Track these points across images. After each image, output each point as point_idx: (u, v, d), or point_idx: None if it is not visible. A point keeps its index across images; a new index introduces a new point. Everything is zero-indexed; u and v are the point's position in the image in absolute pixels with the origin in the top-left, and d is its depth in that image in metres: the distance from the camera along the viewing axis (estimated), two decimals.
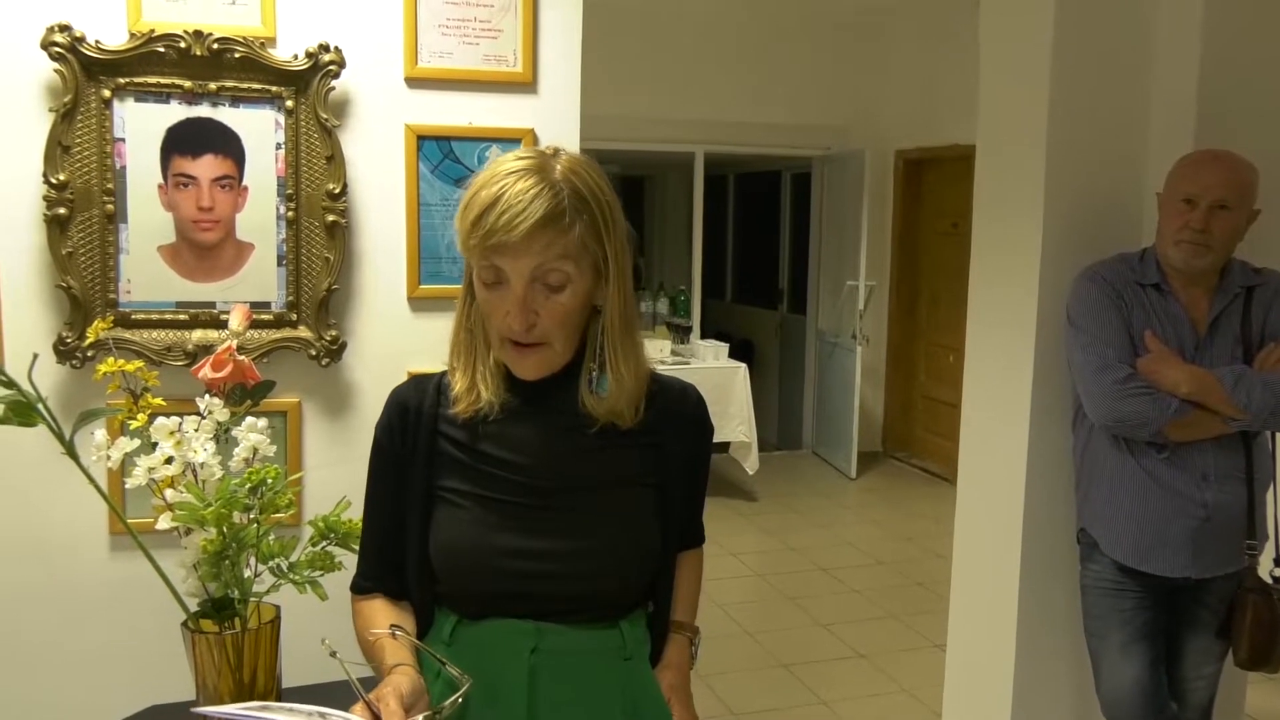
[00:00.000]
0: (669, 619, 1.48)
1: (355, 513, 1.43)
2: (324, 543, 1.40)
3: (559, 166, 1.26)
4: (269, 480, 1.31)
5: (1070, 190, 2.56)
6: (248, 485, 1.30)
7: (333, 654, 1.21)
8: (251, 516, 1.33)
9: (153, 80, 1.98)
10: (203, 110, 2.02)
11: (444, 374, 1.40)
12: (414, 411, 1.37)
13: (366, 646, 1.35)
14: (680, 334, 6.89)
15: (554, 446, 1.34)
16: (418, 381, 1.42)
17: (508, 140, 2.16)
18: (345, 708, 1.17)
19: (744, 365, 6.37)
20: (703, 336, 7.07)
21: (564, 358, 1.33)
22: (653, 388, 1.41)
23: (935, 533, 5.85)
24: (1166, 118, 2.58)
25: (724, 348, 6.59)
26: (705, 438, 1.50)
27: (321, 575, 1.38)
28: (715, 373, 6.17)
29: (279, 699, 1.46)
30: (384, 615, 1.37)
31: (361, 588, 1.42)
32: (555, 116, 2.20)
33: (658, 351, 6.24)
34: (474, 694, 1.23)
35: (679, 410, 1.44)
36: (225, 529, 1.30)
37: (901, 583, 5.11)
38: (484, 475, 1.34)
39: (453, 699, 1.20)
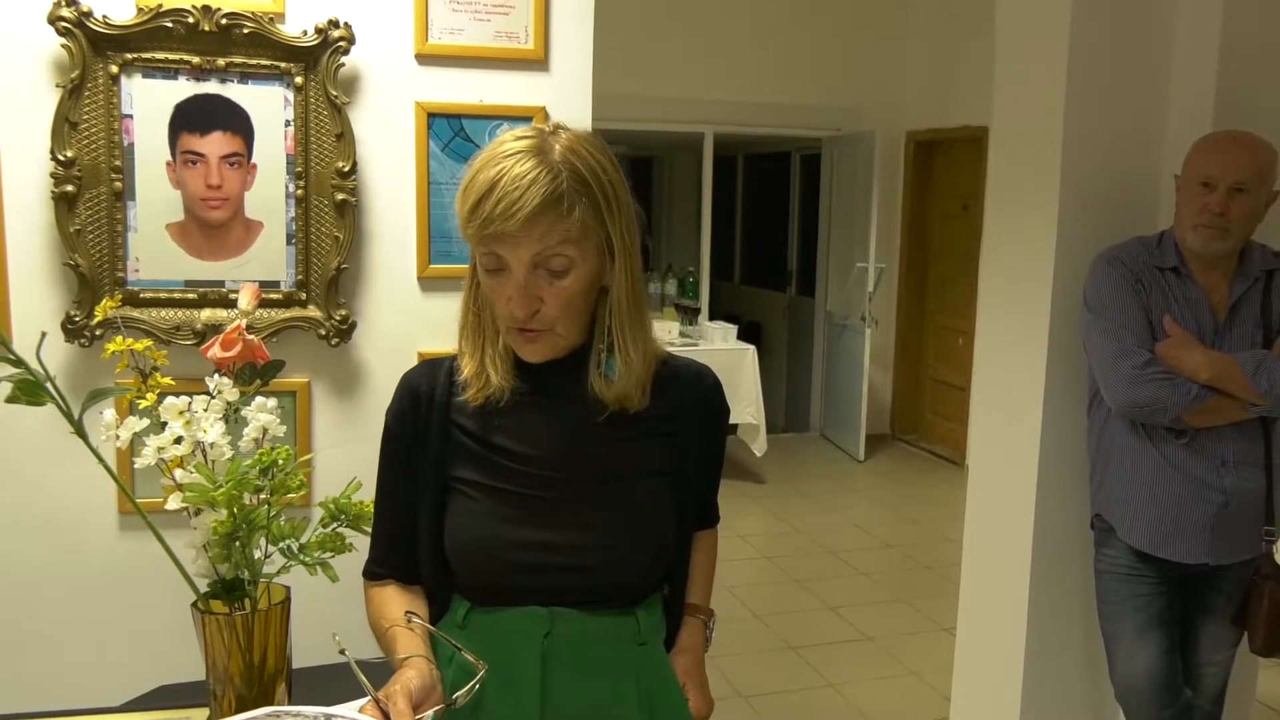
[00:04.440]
0: (684, 602, 1.46)
1: (366, 494, 1.41)
2: (334, 524, 1.38)
3: (558, 146, 1.21)
4: (280, 461, 1.29)
5: (1086, 173, 2.53)
6: (258, 467, 1.29)
7: (341, 651, 1.19)
8: (263, 498, 1.31)
9: (161, 56, 1.96)
10: (211, 86, 1.99)
11: (455, 358, 1.37)
12: (425, 398, 1.35)
13: (380, 634, 1.34)
14: (688, 315, 6.86)
15: (567, 437, 1.32)
16: (429, 366, 1.40)
17: (519, 118, 2.14)
18: (357, 692, 1.16)
19: (753, 347, 6.34)
20: (711, 318, 7.04)
21: (571, 341, 1.30)
22: (667, 372, 1.38)
23: (943, 516, 5.83)
24: (1185, 98, 2.54)
25: (733, 329, 6.57)
26: (722, 421, 1.49)
27: (332, 557, 1.36)
28: (724, 354, 6.14)
29: (289, 680, 1.45)
30: (397, 602, 1.35)
31: (374, 574, 1.40)
32: (567, 94, 2.18)
33: (666, 333, 6.21)
34: (488, 680, 1.21)
35: (696, 395, 1.41)
36: (236, 510, 1.28)
37: (909, 566, 5.10)
38: (497, 466, 1.32)
39: (466, 689, 1.18)
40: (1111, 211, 2.55)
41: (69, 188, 1.92)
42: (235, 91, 2.00)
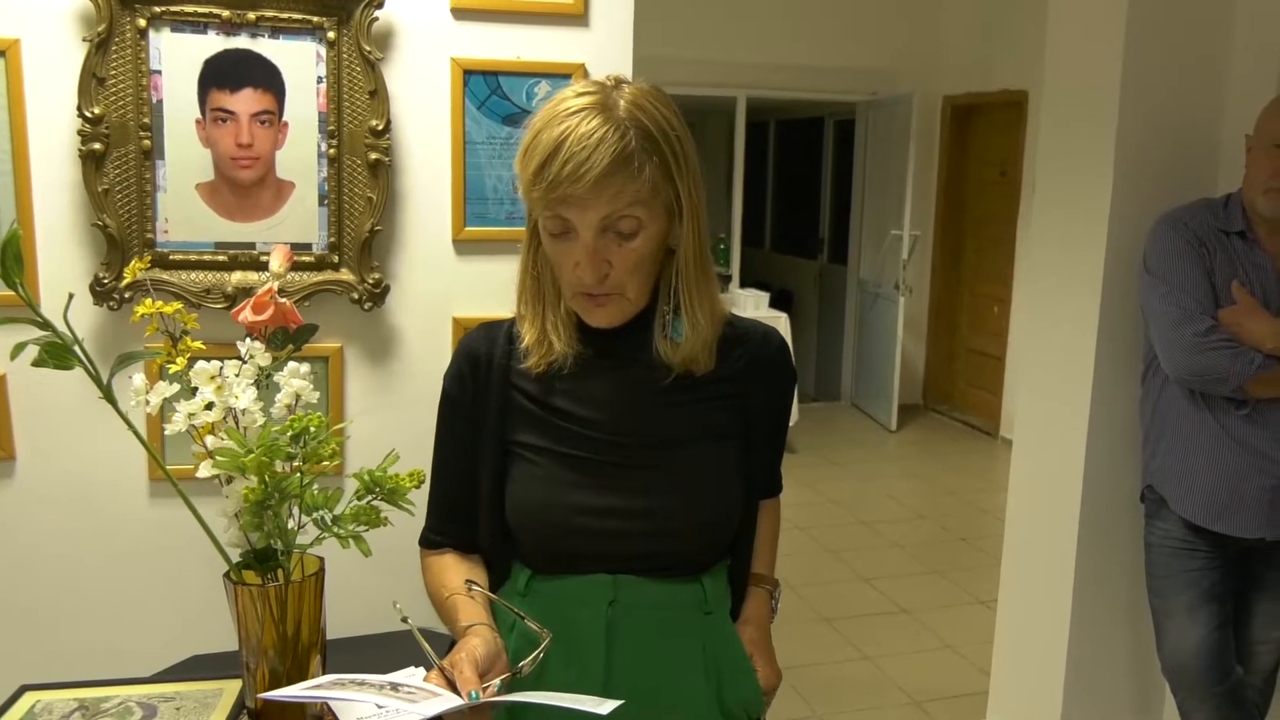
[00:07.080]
0: (748, 572, 1.43)
1: (403, 466, 1.37)
2: (369, 497, 1.33)
3: (623, 102, 1.16)
4: (311, 429, 1.24)
5: (1143, 135, 2.44)
6: (289, 433, 1.24)
7: (404, 619, 1.17)
8: (295, 466, 1.26)
9: (189, 9, 1.89)
10: (241, 41, 1.93)
11: (514, 321, 1.33)
12: (485, 362, 1.31)
13: (439, 603, 1.31)
14: (719, 283, 6.79)
15: (631, 400, 1.28)
16: (488, 329, 1.36)
17: (557, 75, 2.06)
18: (392, 662, 1.13)
19: (785, 315, 6.28)
20: (741, 286, 6.97)
21: (639, 304, 1.26)
22: (733, 334, 1.34)
23: (978, 487, 5.77)
24: (1249, 56, 2.44)
25: (764, 297, 6.50)
26: (789, 384, 1.44)
27: (366, 530, 1.32)
28: None
29: (324, 652, 1.41)
30: (456, 570, 1.32)
31: (432, 542, 1.38)
32: (607, 50, 2.10)
33: None
34: (551, 648, 1.18)
35: (764, 357, 1.36)
36: (267, 478, 1.23)
37: (944, 537, 5.04)
38: (559, 430, 1.28)
39: (531, 657, 1.15)
40: (1168, 175, 2.46)
41: (97, 146, 1.87)
42: (266, 47, 1.94)
